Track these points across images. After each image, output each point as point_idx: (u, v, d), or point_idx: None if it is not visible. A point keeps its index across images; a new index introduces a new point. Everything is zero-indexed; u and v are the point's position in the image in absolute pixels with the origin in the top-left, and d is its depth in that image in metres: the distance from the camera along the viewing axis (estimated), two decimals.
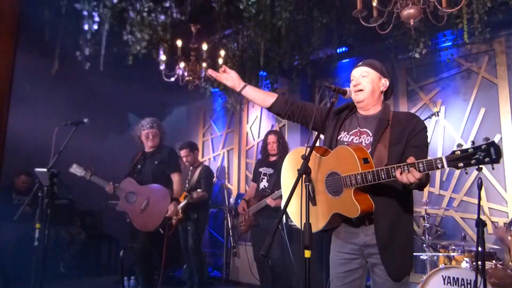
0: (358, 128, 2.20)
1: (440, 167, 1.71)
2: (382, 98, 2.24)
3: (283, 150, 4.41)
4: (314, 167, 2.18)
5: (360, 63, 2.27)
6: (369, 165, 1.97)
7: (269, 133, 4.57)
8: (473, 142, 1.65)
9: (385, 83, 2.22)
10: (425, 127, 2.11)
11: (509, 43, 4.76)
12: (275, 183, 4.27)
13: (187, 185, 5.01)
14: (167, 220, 4.15)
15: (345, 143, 2.18)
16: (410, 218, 2.12)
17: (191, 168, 5.13)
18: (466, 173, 1.72)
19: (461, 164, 1.65)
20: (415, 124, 2.08)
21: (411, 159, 1.79)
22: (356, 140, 2.17)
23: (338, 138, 2.23)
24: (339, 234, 2.21)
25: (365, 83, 2.18)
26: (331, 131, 2.27)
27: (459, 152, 1.66)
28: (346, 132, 2.23)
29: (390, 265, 2.01)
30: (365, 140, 2.14)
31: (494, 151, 1.59)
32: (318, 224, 2.14)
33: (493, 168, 1.63)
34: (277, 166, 4.33)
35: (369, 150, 2.07)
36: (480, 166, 1.63)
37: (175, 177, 4.32)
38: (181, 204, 4.74)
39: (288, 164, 2.39)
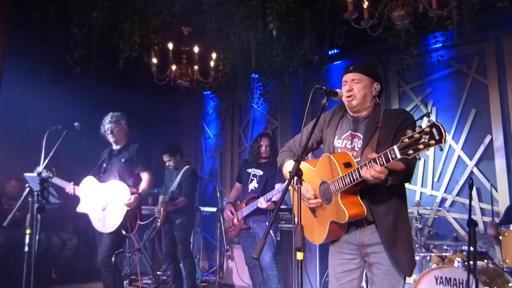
0: (350, 132, 2.21)
1: (394, 157, 1.71)
2: (374, 101, 2.25)
3: (273, 154, 4.37)
4: (309, 180, 2.21)
5: (351, 68, 2.25)
6: (352, 168, 1.97)
7: (262, 135, 4.45)
8: (420, 127, 1.63)
9: (377, 87, 2.24)
10: (414, 122, 2.10)
11: (498, 44, 4.79)
12: (264, 185, 4.23)
13: (171, 187, 4.89)
14: (130, 218, 3.79)
15: (339, 149, 2.20)
16: (407, 214, 2.15)
17: (175, 171, 4.96)
18: (419, 159, 1.70)
19: (411, 151, 1.64)
20: (403, 120, 2.08)
21: (372, 155, 1.81)
22: (349, 145, 2.18)
23: (334, 145, 2.25)
24: None
25: (357, 89, 2.18)
26: (328, 138, 2.30)
27: (407, 139, 1.65)
28: (338, 137, 2.25)
29: (400, 262, 2.02)
30: (357, 144, 2.15)
31: (437, 132, 1.57)
32: (320, 235, 2.16)
33: (441, 150, 1.62)
34: (267, 168, 4.30)
35: (360, 155, 2.09)
36: (428, 149, 1.60)
37: (144, 176, 3.97)
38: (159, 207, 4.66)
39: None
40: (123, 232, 3.76)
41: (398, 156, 1.68)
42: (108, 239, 3.80)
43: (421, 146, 1.60)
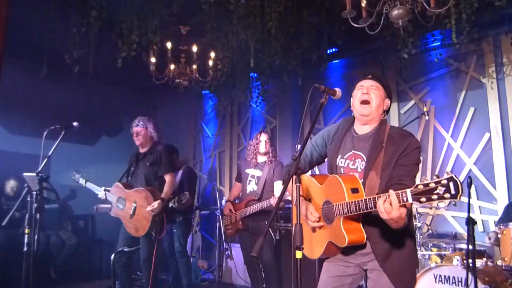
0: (353, 151, 2.16)
1: (405, 200, 1.69)
2: (382, 116, 2.21)
3: (273, 152, 4.35)
4: (313, 195, 2.21)
5: (370, 75, 2.22)
6: (359, 195, 1.94)
7: (261, 132, 4.41)
8: (437, 176, 1.62)
9: (388, 103, 2.21)
10: (418, 147, 2.05)
11: (496, 42, 4.79)
12: (264, 186, 4.21)
13: None
14: (157, 222, 3.98)
15: (342, 169, 2.17)
16: (410, 239, 2.08)
17: None
18: (430, 208, 1.72)
19: (423, 199, 1.63)
20: (407, 145, 2.02)
21: (390, 192, 1.76)
22: (352, 165, 2.14)
23: (337, 163, 2.20)
24: None
25: (374, 95, 2.15)
26: (331, 156, 2.26)
27: (421, 186, 1.64)
28: (341, 156, 2.20)
29: (392, 275, 1.99)
30: (360, 165, 2.10)
31: (453, 187, 1.57)
32: (316, 251, 2.16)
33: (454, 204, 1.63)
34: (265, 169, 4.25)
35: (362, 177, 2.05)
36: (441, 201, 1.61)
37: (167, 178, 4.19)
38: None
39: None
40: (153, 234, 3.96)
41: (410, 200, 1.68)
42: (143, 243, 4.06)
43: (435, 197, 1.61)
